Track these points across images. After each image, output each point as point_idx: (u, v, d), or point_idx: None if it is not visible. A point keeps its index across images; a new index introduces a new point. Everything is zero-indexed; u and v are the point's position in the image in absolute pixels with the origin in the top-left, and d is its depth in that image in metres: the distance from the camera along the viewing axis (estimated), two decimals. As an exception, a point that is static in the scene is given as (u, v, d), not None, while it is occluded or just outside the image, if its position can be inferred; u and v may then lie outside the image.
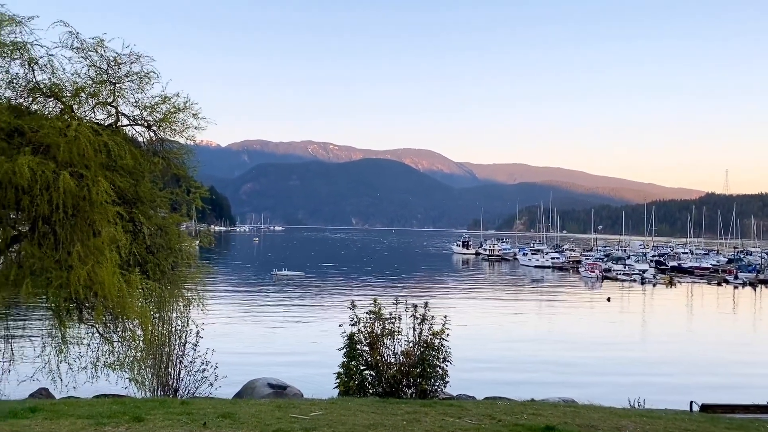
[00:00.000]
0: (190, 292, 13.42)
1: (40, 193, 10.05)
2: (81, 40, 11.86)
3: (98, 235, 10.74)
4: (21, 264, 10.89)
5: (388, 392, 11.44)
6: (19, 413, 6.99)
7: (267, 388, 14.34)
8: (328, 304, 44.45)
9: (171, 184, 13.87)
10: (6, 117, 10.90)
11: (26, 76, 11.85)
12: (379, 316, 12.04)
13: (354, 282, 63.34)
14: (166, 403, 8.10)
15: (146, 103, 12.78)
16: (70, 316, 11.84)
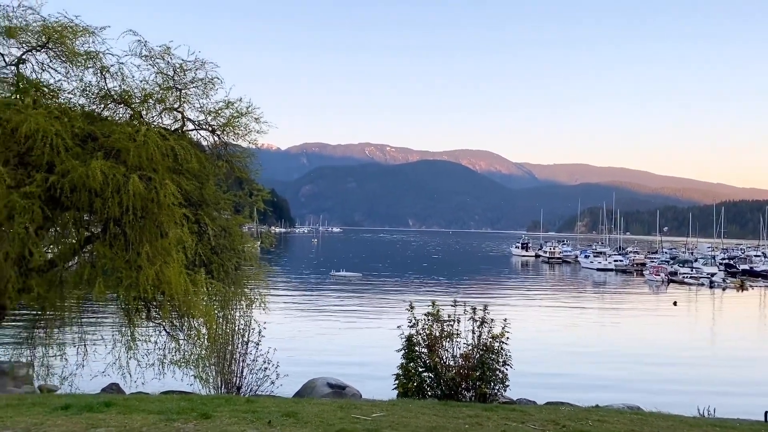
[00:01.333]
0: (252, 292, 13.72)
1: (112, 195, 10.48)
2: (149, 48, 12.32)
3: (165, 237, 11.12)
4: (94, 264, 11.39)
5: (446, 395, 11.37)
6: (94, 407, 7.30)
7: (326, 387, 14.49)
8: (386, 306, 44.57)
9: (234, 186, 14.23)
10: (80, 123, 11.43)
11: (98, 83, 12.39)
12: (437, 318, 11.99)
13: (411, 284, 63.29)
14: (231, 400, 8.29)
15: (210, 108, 13.16)
16: (138, 315, 12.31)
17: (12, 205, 9.88)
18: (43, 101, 11.71)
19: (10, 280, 10.06)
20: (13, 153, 10.86)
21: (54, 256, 12.07)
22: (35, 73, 12.02)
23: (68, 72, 12.17)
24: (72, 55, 11.79)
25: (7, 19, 11.19)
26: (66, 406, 7.39)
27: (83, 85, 12.35)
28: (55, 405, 7.51)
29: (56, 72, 12.11)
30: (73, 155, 10.83)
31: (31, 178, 10.45)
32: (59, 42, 11.59)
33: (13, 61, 11.78)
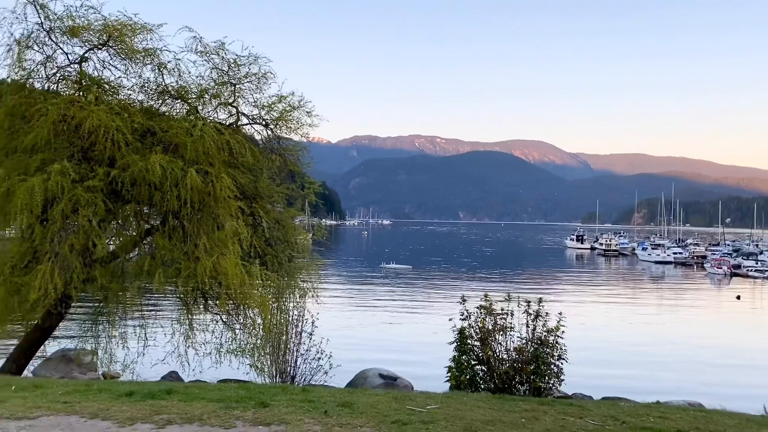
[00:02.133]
0: (305, 283, 13.90)
1: (170, 189, 10.78)
2: (204, 44, 12.60)
3: (222, 229, 11.38)
4: (154, 255, 11.75)
5: (500, 388, 11.26)
6: (156, 394, 7.54)
7: (378, 378, 14.55)
8: (436, 298, 44.46)
9: (286, 179, 14.42)
10: (139, 119, 11.79)
11: (156, 80, 12.76)
12: (490, 311, 11.87)
13: (462, 276, 62.92)
14: (287, 389, 8.42)
15: (264, 102, 13.38)
16: (196, 305, 12.65)
17: (76, 198, 10.28)
18: (105, 98, 12.13)
19: (75, 271, 10.48)
20: (77, 148, 11.31)
21: (116, 248, 12.52)
22: (97, 70, 12.48)
23: (128, 69, 12.58)
24: (131, 52, 12.16)
25: (71, 18, 11.61)
26: (130, 393, 7.65)
27: (142, 81, 12.76)
28: (119, 392, 7.79)
29: (116, 69, 12.54)
30: (133, 150, 11.19)
31: (94, 173, 10.85)
32: (119, 40, 11.97)
33: (76, 60, 12.24)
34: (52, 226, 10.37)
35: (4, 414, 6.59)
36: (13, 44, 11.54)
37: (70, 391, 7.81)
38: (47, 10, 11.51)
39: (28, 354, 13.09)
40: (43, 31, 11.68)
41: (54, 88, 12.34)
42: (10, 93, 11.76)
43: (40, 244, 10.61)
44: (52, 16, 11.58)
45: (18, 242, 11.26)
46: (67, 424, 6.32)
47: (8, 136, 11.59)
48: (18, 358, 12.85)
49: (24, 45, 11.58)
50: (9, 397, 7.39)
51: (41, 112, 11.07)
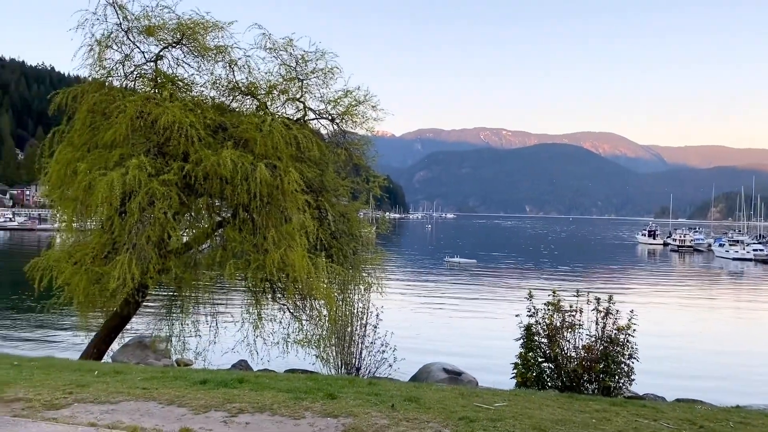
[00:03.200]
0: (369, 276, 13.99)
1: (241, 183, 11.06)
2: (273, 40, 12.84)
3: (289, 222, 11.59)
4: (225, 247, 12.11)
5: (567, 386, 11.01)
6: (229, 383, 7.77)
7: (442, 373, 14.50)
8: (501, 293, 43.88)
9: (352, 173, 14.54)
10: (212, 115, 12.15)
11: (227, 76, 13.11)
12: (558, 308, 11.61)
13: (528, 272, 61.84)
14: (354, 382, 8.49)
15: (330, 97, 13.53)
16: (265, 296, 12.94)
17: (153, 191, 10.69)
18: (179, 95, 12.55)
19: (152, 261, 10.91)
20: (152, 143, 11.76)
21: (189, 240, 12.97)
22: (171, 68, 12.93)
23: (200, 66, 12.98)
24: (203, 50, 12.54)
25: (147, 18, 12.06)
26: (204, 381, 7.90)
27: (214, 78, 13.13)
28: (194, 379, 8.05)
29: (189, 66, 12.97)
30: (206, 145, 11.54)
31: (168, 167, 11.26)
32: (192, 38, 12.35)
33: (152, 58, 12.71)
34: (129, 219, 10.82)
35: (88, 398, 6.94)
36: (94, 44, 12.09)
37: (148, 378, 8.13)
38: (125, 10, 11.99)
39: (108, 340, 13.75)
40: (121, 31, 12.18)
41: (131, 86, 12.85)
42: (91, 91, 12.34)
43: (119, 235, 11.09)
44: (129, 16, 12.06)
45: (98, 234, 11.81)
46: (146, 409, 6.59)
47: (90, 132, 12.17)
48: (98, 344, 13.53)
49: (104, 45, 12.10)
50: (92, 382, 7.77)
51: (120, 109, 11.56)
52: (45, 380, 7.76)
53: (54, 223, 15.02)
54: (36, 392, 7.08)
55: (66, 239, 12.55)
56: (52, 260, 11.88)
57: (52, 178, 12.04)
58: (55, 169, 11.92)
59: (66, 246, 12.34)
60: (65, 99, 12.41)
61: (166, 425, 6.09)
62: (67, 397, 6.92)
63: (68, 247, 12.22)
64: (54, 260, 11.86)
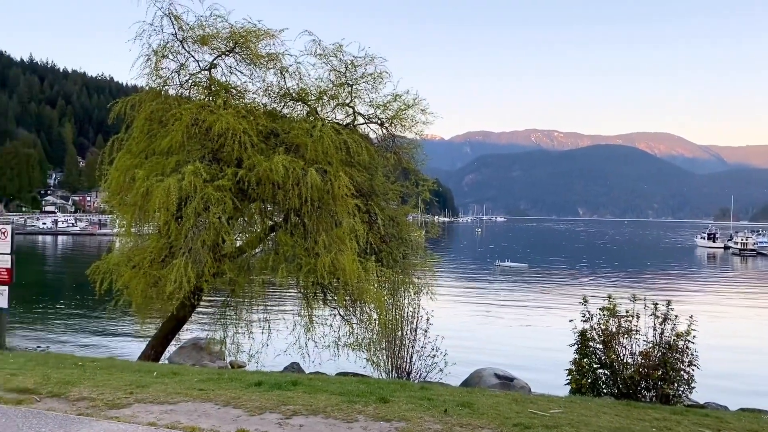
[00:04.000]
0: (419, 280, 13.96)
1: (292, 187, 11.23)
2: (323, 47, 13.00)
3: (340, 226, 11.69)
4: (277, 251, 12.29)
5: (624, 394, 10.69)
6: (283, 385, 7.87)
7: (494, 378, 14.32)
8: (553, 298, 43.10)
9: (401, 177, 14.56)
10: (264, 121, 12.38)
11: (279, 83, 13.34)
12: (613, 313, 11.30)
13: (582, 276, 60.51)
14: (406, 386, 8.47)
15: (379, 101, 13.60)
16: (316, 299, 13.09)
17: (207, 197, 10.95)
18: (232, 102, 12.84)
19: (207, 265, 11.17)
20: (207, 150, 12.06)
21: (243, 244, 13.23)
22: (225, 76, 13.24)
23: (252, 74, 13.25)
24: (255, 57, 12.79)
25: (201, 28, 12.40)
26: (258, 383, 8.03)
27: (265, 85, 13.39)
28: (249, 381, 8.19)
29: (242, 74, 13.25)
30: (258, 151, 11.76)
31: (222, 173, 11.52)
32: (244, 46, 12.62)
33: (206, 67, 13.05)
34: (185, 223, 11.11)
35: (148, 398, 7.14)
36: (151, 54, 12.49)
37: (205, 379, 8.31)
38: (181, 21, 12.35)
39: (165, 342, 14.14)
40: (176, 41, 12.54)
41: (186, 94, 13.22)
42: (149, 100, 12.75)
43: (175, 239, 11.40)
44: (184, 26, 12.41)
45: (156, 238, 12.17)
46: (203, 410, 6.74)
47: (147, 139, 12.57)
48: (156, 345, 13.93)
49: (160, 54, 12.49)
50: (152, 382, 8.00)
51: (176, 116, 11.90)
52: (107, 380, 8.03)
53: (114, 228, 15.56)
54: (99, 392, 7.34)
55: (125, 243, 12.98)
56: (112, 264, 12.31)
57: (111, 185, 12.48)
58: (114, 176, 12.35)
59: (125, 250, 12.76)
60: (124, 108, 12.87)
61: (223, 426, 6.20)
62: (128, 397, 7.14)
63: (127, 251, 12.64)
64: (114, 264, 12.29)
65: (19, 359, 9.79)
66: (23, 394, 7.19)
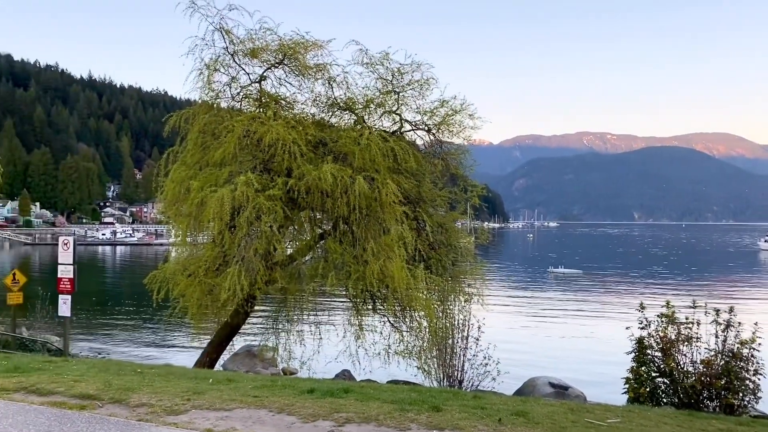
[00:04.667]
0: (469, 287, 13.83)
1: (340, 196, 11.33)
2: (369, 55, 13.10)
3: (388, 233, 11.71)
4: (326, 259, 12.41)
5: (685, 403, 10.31)
6: (335, 393, 7.91)
7: (548, 387, 14.05)
8: (608, 304, 42.01)
9: (449, 183, 14.48)
10: (312, 131, 12.54)
11: (326, 93, 13.50)
12: (672, 319, 10.92)
13: (639, 282, 58.77)
14: (458, 395, 8.39)
15: (426, 108, 13.60)
16: (365, 306, 13.13)
17: (259, 206, 11.15)
18: (282, 113, 13.07)
19: (259, 273, 11.37)
20: (258, 160, 12.30)
21: (293, 252, 13.41)
22: (274, 87, 13.50)
23: (301, 84, 13.46)
24: (304, 68, 12.99)
25: (251, 41, 12.67)
26: (311, 390, 8.09)
27: (314, 95, 13.58)
28: (301, 388, 8.27)
29: (291, 85, 13.49)
30: (307, 160, 11.92)
31: (273, 182, 11.72)
32: (293, 58, 12.83)
33: (256, 79, 13.32)
34: (238, 233, 11.33)
35: (204, 405, 7.30)
36: (203, 68, 12.83)
37: (259, 386, 8.43)
38: (231, 35, 12.65)
39: (219, 349, 14.43)
40: (228, 54, 12.85)
41: (238, 107, 13.52)
42: (202, 113, 13.10)
43: (229, 248, 11.65)
44: (235, 40, 12.71)
45: (210, 247, 12.46)
46: (258, 417, 6.84)
47: (201, 151, 12.91)
48: (211, 352, 14.23)
49: (212, 68, 12.82)
50: (208, 389, 8.17)
51: (228, 129, 12.19)
52: (165, 387, 8.24)
53: (169, 237, 16.02)
54: (157, 398, 7.54)
55: (180, 253, 13.34)
56: (169, 273, 12.66)
57: (167, 196, 12.85)
58: (170, 187, 12.72)
59: (181, 259, 13.11)
60: (178, 121, 13.26)
61: (276, 433, 6.27)
62: (186, 404, 7.31)
63: (183, 260, 12.98)
64: (170, 273, 12.63)
65: (82, 366, 10.15)
66: (86, 400, 7.45)
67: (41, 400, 7.43)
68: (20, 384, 8.12)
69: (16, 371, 9.03)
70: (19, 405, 7.12)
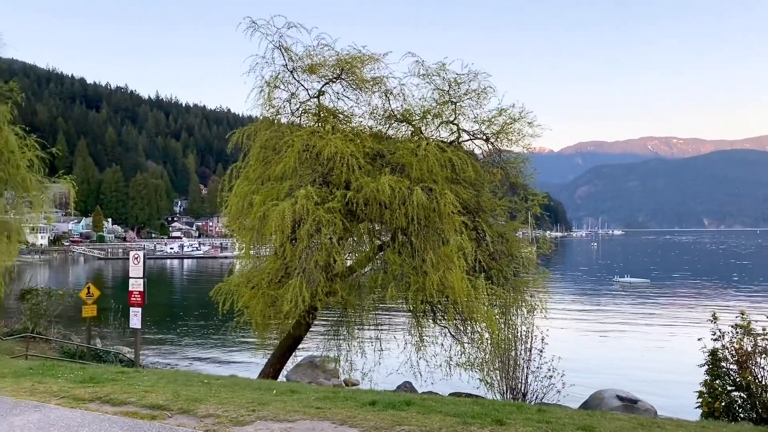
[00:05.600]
0: (532, 298, 13.58)
1: (398, 207, 11.37)
2: (426, 66, 13.15)
3: (447, 244, 11.65)
4: (386, 270, 12.45)
5: (764, 419, 9.78)
6: (397, 405, 7.89)
7: (616, 400, 13.63)
8: (678, 315, 40.43)
9: (508, 192, 14.30)
10: (370, 143, 12.66)
11: (383, 105, 13.61)
12: (748, 330, 10.40)
13: (710, 291, 56.32)
14: (522, 408, 8.21)
15: (484, 117, 13.52)
16: (426, 318, 13.08)
17: (319, 219, 11.32)
18: (340, 126, 13.26)
19: (320, 284, 11.51)
20: (318, 174, 12.49)
21: (353, 263, 13.52)
22: (332, 102, 13.72)
23: (358, 98, 13.64)
24: (361, 82, 13.16)
25: (309, 57, 12.94)
26: (373, 402, 8.10)
27: (371, 108, 13.72)
28: (363, 400, 8.28)
29: (348, 99, 13.68)
30: (365, 172, 12.03)
31: (332, 195, 11.88)
32: (350, 72, 13.02)
33: (314, 94, 13.58)
34: (299, 245, 11.53)
35: (269, 416, 7.42)
36: (264, 85, 13.18)
37: (321, 398, 8.50)
38: (290, 52, 12.95)
39: (282, 360, 14.67)
40: (287, 71, 13.16)
41: (297, 122, 13.80)
42: (263, 129, 13.44)
43: (290, 260, 11.85)
44: (294, 57, 13.00)
45: (272, 259, 12.71)
46: (321, 428, 6.89)
47: (263, 166, 13.23)
48: (274, 363, 14.48)
49: (272, 85, 13.15)
50: (272, 400, 8.30)
51: (288, 143, 12.45)
52: (231, 398, 8.43)
53: (234, 250, 16.45)
54: (224, 409, 7.71)
55: (244, 265, 13.66)
56: (233, 285, 12.98)
57: (231, 210, 13.22)
58: (233, 201, 13.08)
59: (244, 271, 13.42)
60: (241, 137, 13.66)
61: (339, 445, 6.29)
62: (251, 414, 7.44)
63: (247, 272, 13.29)
64: (235, 285, 12.95)
65: (152, 376, 10.50)
66: (156, 410, 7.70)
67: (114, 410, 7.72)
68: (95, 394, 8.46)
69: (90, 381, 9.41)
70: (94, 414, 7.42)
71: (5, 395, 8.08)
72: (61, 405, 7.72)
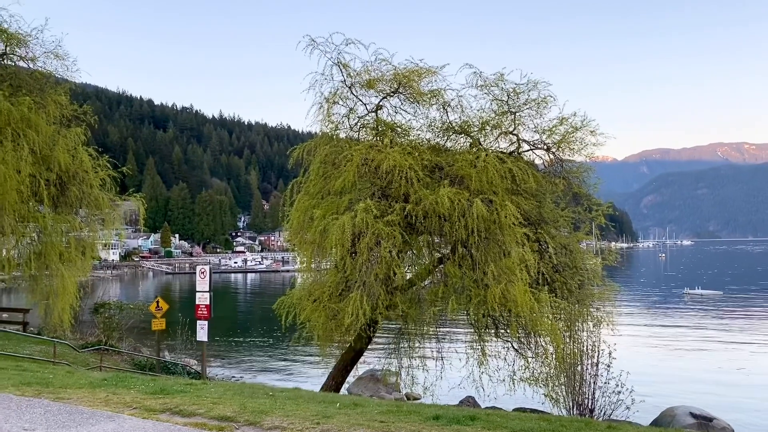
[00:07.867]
0: (598, 311, 13.20)
1: (458, 219, 11.30)
2: (484, 78, 13.08)
3: (508, 256, 11.48)
4: (446, 283, 12.37)
5: None
6: (461, 420, 7.80)
7: (689, 417, 13.07)
8: (754, 328, 38.45)
9: (571, 203, 13.99)
10: (428, 156, 12.66)
11: (441, 118, 13.62)
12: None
13: (789, 303, 53.35)
14: (590, 424, 7.98)
15: (544, 126, 13.31)
16: (488, 331, 12.90)
17: (378, 232, 11.37)
18: (398, 140, 13.32)
19: (380, 298, 11.53)
20: (377, 187, 12.57)
21: (412, 276, 13.49)
22: (390, 116, 13.81)
23: (416, 111, 13.69)
24: (418, 95, 13.20)
25: (367, 73, 13.08)
26: (437, 417, 8.03)
27: (428, 121, 13.75)
28: (427, 415, 8.22)
29: (406, 113, 13.75)
30: (424, 185, 12.03)
31: (391, 208, 11.92)
32: (407, 86, 13.09)
33: (373, 109, 13.71)
34: (359, 258, 11.60)
35: (333, 429, 7.45)
36: (323, 101, 13.40)
37: (384, 411, 8.48)
38: (348, 68, 13.13)
39: (344, 373, 14.75)
40: (345, 87, 13.34)
41: (356, 136, 13.95)
42: (322, 144, 13.64)
43: (351, 274, 11.93)
44: (352, 73, 13.18)
45: (333, 273, 12.83)
46: (385, 442, 6.88)
47: (322, 181, 13.42)
48: (336, 376, 14.57)
49: (331, 101, 13.36)
50: (335, 413, 8.34)
51: (347, 158, 12.59)
52: (295, 410, 8.51)
53: (295, 264, 16.71)
54: (289, 421, 7.79)
55: (306, 279, 13.86)
56: (295, 298, 13.17)
57: (293, 224, 13.45)
58: (295, 216, 13.30)
59: (306, 285, 13.61)
60: (301, 153, 13.91)
61: (403, 459, 6.25)
62: (315, 427, 7.49)
63: (308, 286, 13.46)
64: (297, 298, 13.14)
65: (219, 389, 10.73)
66: (224, 422, 7.85)
67: (184, 421, 7.92)
68: (165, 405, 8.71)
69: (161, 392, 9.69)
70: (165, 425, 7.62)
71: (82, 405, 8.40)
72: (134, 415, 7.96)
